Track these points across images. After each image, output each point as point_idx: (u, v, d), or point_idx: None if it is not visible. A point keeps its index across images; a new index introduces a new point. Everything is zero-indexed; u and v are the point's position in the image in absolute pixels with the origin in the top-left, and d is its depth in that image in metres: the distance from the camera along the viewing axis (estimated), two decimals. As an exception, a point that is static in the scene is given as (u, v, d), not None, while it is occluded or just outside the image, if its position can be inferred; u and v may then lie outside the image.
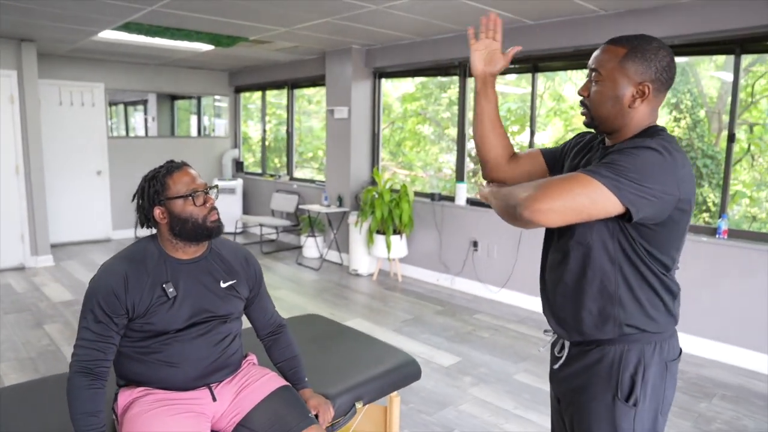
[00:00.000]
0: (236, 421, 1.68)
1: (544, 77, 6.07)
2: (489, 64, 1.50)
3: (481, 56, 1.51)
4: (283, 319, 1.97)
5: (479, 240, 5.17)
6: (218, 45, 5.73)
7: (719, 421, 2.94)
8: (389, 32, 5.11)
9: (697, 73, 5.70)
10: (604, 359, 1.32)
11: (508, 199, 1.25)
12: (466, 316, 4.60)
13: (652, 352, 1.29)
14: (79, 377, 1.52)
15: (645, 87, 1.27)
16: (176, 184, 1.64)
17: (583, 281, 1.31)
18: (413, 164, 7.36)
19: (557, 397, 1.48)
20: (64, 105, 6.87)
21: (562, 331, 1.40)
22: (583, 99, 1.35)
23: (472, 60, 1.51)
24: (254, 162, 8.81)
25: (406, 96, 7.20)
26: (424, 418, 2.93)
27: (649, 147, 1.19)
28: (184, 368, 1.64)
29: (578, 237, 1.31)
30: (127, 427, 1.55)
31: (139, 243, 1.71)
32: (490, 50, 1.50)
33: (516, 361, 3.69)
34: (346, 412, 1.97)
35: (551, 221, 1.18)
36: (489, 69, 1.50)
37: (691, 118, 5.67)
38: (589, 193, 1.16)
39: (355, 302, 5.00)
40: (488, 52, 1.50)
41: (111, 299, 1.55)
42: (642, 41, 1.28)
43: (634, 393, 1.28)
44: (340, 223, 6.32)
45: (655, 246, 1.25)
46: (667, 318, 1.31)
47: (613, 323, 1.29)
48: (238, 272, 1.78)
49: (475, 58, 1.51)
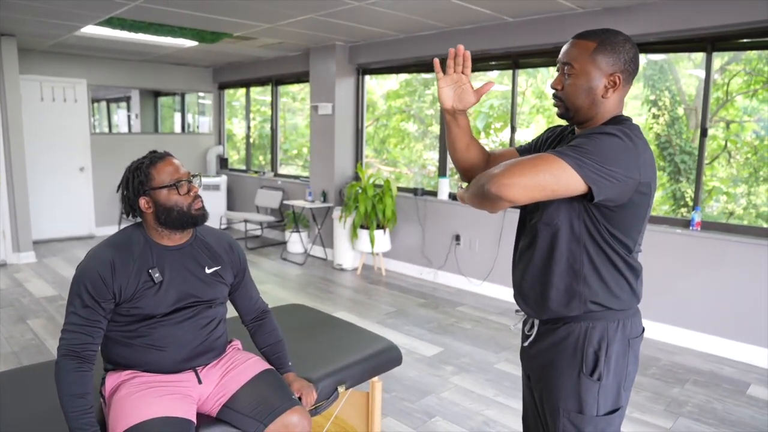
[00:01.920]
0: (222, 402, 1.73)
1: (526, 74, 6.16)
2: (458, 100, 1.46)
3: (449, 92, 1.46)
4: (267, 305, 2.03)
5: (461, 234, 5.26)
6: (202, 41, 5.74)
7: (690, 405, 3.05)
8: (372, 29, 5.16)
9: (675, 71, 5.82)
10: (570, 336, 1.39)
11: (478, 180, 1.30)
12: (449, 309, 4.68)
13: (615, 329, 1.37)
14: (66, 360, 1.56)
15: (616, 77, 1.34)
16: (160, 174, 1.69)
17: (551, 261, 1.39)
18: (397, 161, 7.42)
19: (527, 374, 1.55)
20: (46, 101, 6.82)
21: (531, 310, 1.48)
22: (557, 92, 1.41)
23: (439, 95, 1.45)
24: (239, 159, 8.81)
25: (390, 93, 7.25)
26: (406, 405, 3.00)
27: (612, 133, 1.27)
28: (171, 351, 1.69)
29: (546, 218, 1.38)
30: (114, 409, 1.59)
31: (125, 230, 1.76)
32: (459, 85, 1.45)
33: (497, 351, 3.78)
34: (329, 396, 2.03)
35: (516, 195, 1.23)
36: (459, 106, 1.46)
37: (669, 116, 5.80)
38: (552, 171, 1.22)
39: (340, 296, 5.05)
40: (457, 86, 1.45)
41: (98, 284, 1.60)
42: (609, 34, 1.35)
43: (598, 368, 1.36)
44: (324, 219, 6.37)
45: (618, 228, 1.33)
46: (630, 296, 1.39)
47: (579, 300, 1.37)
48: (222, 258, 1.84)
49: (443, 94, 1.45)
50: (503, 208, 1.30)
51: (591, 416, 1.36)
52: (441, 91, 1.46)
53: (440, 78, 1.47)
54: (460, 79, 1.46)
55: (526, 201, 1.27)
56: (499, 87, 6.45)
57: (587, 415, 1.36)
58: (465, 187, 1.42)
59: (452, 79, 1.46)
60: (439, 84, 1.47)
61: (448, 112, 1.49)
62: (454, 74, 1.46)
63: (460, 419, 2.87)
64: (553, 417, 1.42)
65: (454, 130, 1.53)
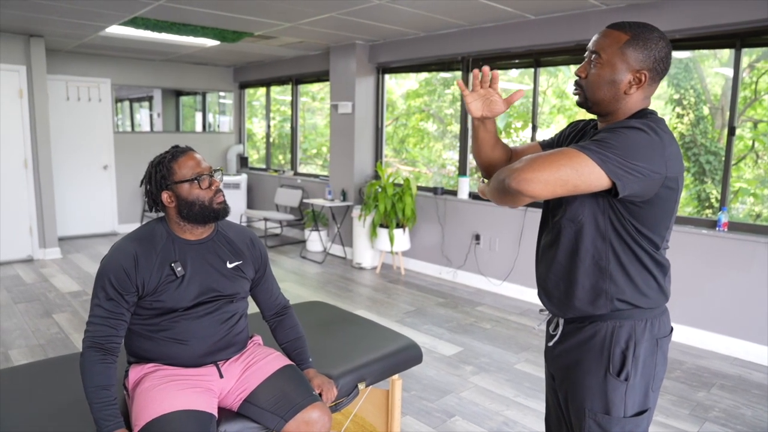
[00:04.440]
0: (242, 397, 1.74)
1: (547, 73, 6.10)
2: (488, 110, 1.46)
3: (478, 104, 1.45)
4: (287, 301, 2.03)
5: (481, 233, 5.22)
6: (223, 40, 5.79)
7: (717, 410, 2.98)
8: (392, 27, 5.15)
9: (701, 70, 5.70)
10: (596, 335, 1.36)
11: (499, 175, 1.28)
12: (468, 308, 4.65)
13: (643, 328, 1.34)
14: (91, 352, 1.58)
15: (642, 75, 1.30)
16: (182, 168, 1.70)
17: (576, 258, 1.36)
18: (416, 161, 7.40)
19: (552, 374, 1.53)
20: (72, 100, 6.95)
21: (556, 309, 1.45)
22: (580, 80, 1.38)
23: (468, 107, 1.45)
24: (258, 159, 8.87)
25: (410, 93, 7.24)
26: (425, 404, 2.98)
27: (636, 127, 1.23)
28: (192, 345, 1.70)
29: (570, 215, 1.35)
30: (137, 401, 1.61)
31: (148, 225, 1.77)
32: (487, 97, 1.45)
33: (517, 351, 3.74)
34: (349, 393, 2.03)
35: (537, 191, 1.20)
36: (488, 114, 1.46)
37: (694, 115, 5.69)
38: (574, 165, 1.19)
39: (359, 294, 5.05)
40: (485, 99, 1.45)
41: (122, 277, 1.61)
42: (644, 29, 1.31)
43: (625, 368, 1.33)
44: (343, 217, 6.38)
45: (644, 224, 1.30)
46: (658, 294, 1.36)
47: (605, 298, 1.34)
48: (243, 253, 1.84)
49: (471, 107, 1.45)
50: (524, 203, 1.27)
51: (618, 417, 1.33)
52: (469, 105, 1.45)
53: (466, 95, 1.46)
54: (487, 93, 1.45)
55: (547, 196, 1.23)
56: (519, 86, 6.40)
57: (614, 417, 1.33)
58: (486, 182, 1.40)
59: (479, 94, 1.45)
60: (467, 100, 1.46)
61: (477, 119, 1.48)
62: (482, 90, 1.45)
63: (479, 419, 2.84)
64: (578, 418, 1.39)
65: (482, 135, 1.52)
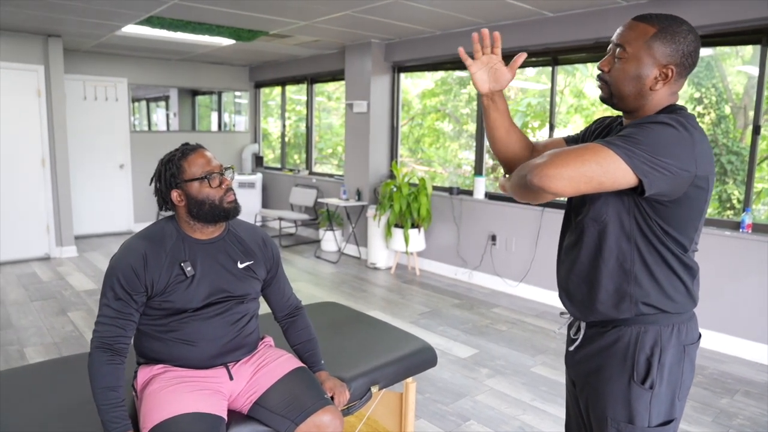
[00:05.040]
0: (253, 400, 1.70)
1: (564, 73, 6.00)
2: (494, 81, 1.40)
3: (483, 75, 1.40)
4: (300, 302, 1.99)
5: (497, 234, 5.14)
6: (239, 39, 5.78)
7: (741, 417, 2.89)
8: (408, 26, 5.10)
9: (722, 68, 5.57)
10: (620, 340, 1.30)
11: (521, 170, 1.23)
12: (484, 310, 4.59)
13: (670, 334, 1.27)
14: (99, 353, 1.55)
15: (669, 70, 1.24)
16: (192, 166, 1.66)
17: (599, 259, 1.30)
18: (432, 161, 7.34)
19: (572, 380, 1.47)
20: (89, 99, 7.00)
21: (578, 312, 1.39)
22: (603, 74, 1.31)
23: (474, 82, 1.40)
24: (274, 158, 8.88)
25: (426, 92, 7.18)
26: (440, 407, 2.93)
27: (665, 122, 1.17)
28: (201, 347, 1.67)
29: (594, 214, 1.29)
30: (146, 403, 1.58)
31: (157, 223, 1.74)
32: (491, 66, 1.40)
33: (533, 354, 3.67)
34: (362, 396, 1.98)
35: (560, 188, 1.15)
36: (495, 86, 1.41)
37: (715, 114, 5.56)
38: (599, 161, 1.13)
39: (373, 295, 5.01)
40: (489, 68, 1.40)
41: (130, 276, 1.59)
42: (672, 22, 1.24)
43: (650, 376, 1.26)
44: (358, 217, 6.34)
45: (672, 225, 1.23)
46: (685, 298, 1.29)
47: (630, 302, 1.28)
48: (255, 253, 1.81)
49: (477, 79, 1.39)
50: (546, 200, 1.22)
51: (642, 427, 1.27)
52: (474, 77, 1.40)
53: (470, 64, 1.41)
54: (490, 60, 1.40)
55: (571, 193, 1.17)
56: (536, 85, 6.31)
57: (638, 426, 1.27)
58: (508, 177, 1.35)
59: (482, 62, 1.40)
60: (471, 70, 1.41)
61: (485, 96, 1.42)
62: (484, 57, 1.40)
63: (495, 423, 2.78)
64: (600, 426, 1.33)
65: (492, 115, 1.45)
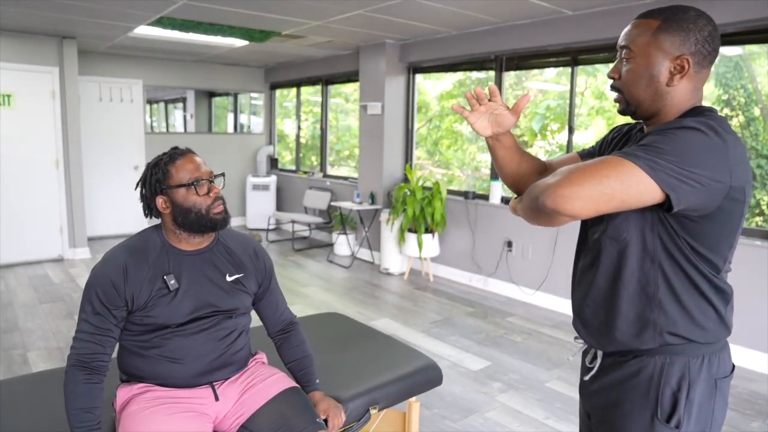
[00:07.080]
0: (240, 423, 1.58)
1: (585, 73, 5.81)
2: (496, 125, 1.32)
3: (484, 122, 1.32)
4: (294, 317, 1.87)
5: (514, 240, 4.98)
6: (251, 40, 5.71)
7: (773, 442, 2.70)
8: (423, 25, 4.97)
9: (752, 69, 5.35)
10: (642, 372, 1.15)
11: (532, 190, 1.09)
12: (498, 319, 4.43)
13: (699, 366, 1.12)
14: (75, 371, 1.45)
15: (684, 60, 1.10)
16: (179, 171, 1.55)
17: (619, 283, 1.15)
18: (450, 163, 7.21)
19: (587, 411, 1.33)
20: (104, 101, 7.00)
21: (593, 340, 1.24)
22: (614, 82, 1.19)
23: (474, 129, 1.32)
24: (291, 160, 8.82)
25: (444, 94, 7.05)
26: (448, 424, 2.79)
27: (692, 127, 1.02)
28: (186, 364, 1.55)
29: (612, 232, 1.15)
30: (124, 425, 1.47)
31: (142, 233, 1.64)
32: (491, 112, 1.32)
33: (549, 367, 3.50)
34: (360, 418, 1.85)
35: (577, 209, 1.01)
36: (499, 129, 1.32)
37: (744, 116, 5.34)
38: (620, 176, 0.99)
39: (385, 301, 4.88)
40: (490, 114, 1.32)
41: (109, 290, 1.48)
42: (676, 10, 1.11)
43: (676, 413, 1.11)
44: (371, 221, 6.22)
45: (702, 242, 1.08)
46: (718, 326, 1.14)
47: (653, 330, 1.13)
48: (245, 266, 1.69)
49: (477, 127, 1.32)
50: (563, 223, 1.08)
51: (666, 471, 1.12)
52: (474, 126, 1.32)
53: (467, 116, 1.33)
54: (489, 107, 1.32)
55: (589, 215, 1.04)
56: (556, 87, 6.13)
57: (662, 470, 1.12)
58: (518, 198, 1.21)
59: (481, 111, 1.32)
60: (470, 120, 1.33)
61: (489, 139, 1.34)
62: (482, 107, 1.32)
63: (507, 444, 2.63)
64: (617, 467, 1.18)
65: (500, 153, 1.35)
